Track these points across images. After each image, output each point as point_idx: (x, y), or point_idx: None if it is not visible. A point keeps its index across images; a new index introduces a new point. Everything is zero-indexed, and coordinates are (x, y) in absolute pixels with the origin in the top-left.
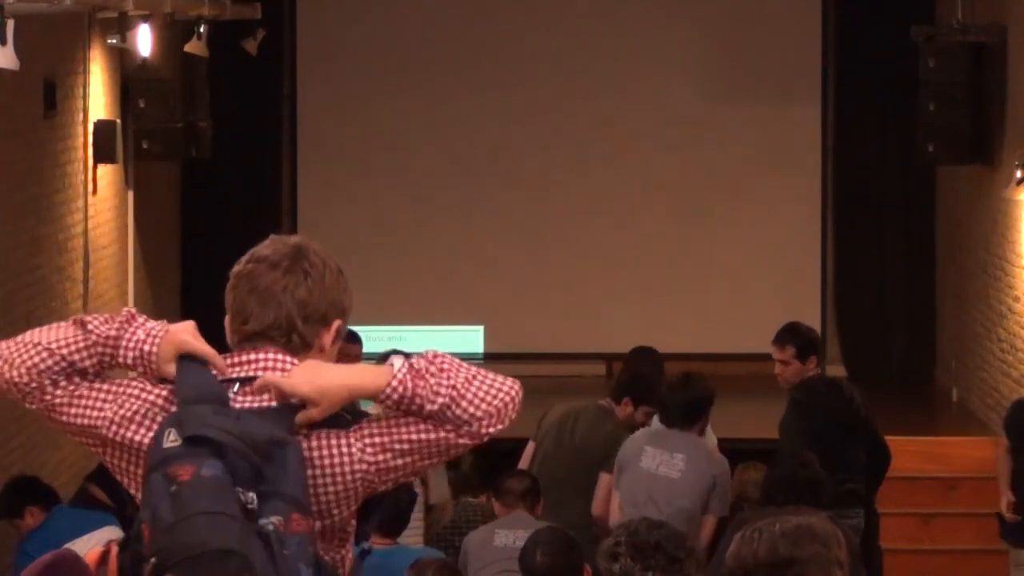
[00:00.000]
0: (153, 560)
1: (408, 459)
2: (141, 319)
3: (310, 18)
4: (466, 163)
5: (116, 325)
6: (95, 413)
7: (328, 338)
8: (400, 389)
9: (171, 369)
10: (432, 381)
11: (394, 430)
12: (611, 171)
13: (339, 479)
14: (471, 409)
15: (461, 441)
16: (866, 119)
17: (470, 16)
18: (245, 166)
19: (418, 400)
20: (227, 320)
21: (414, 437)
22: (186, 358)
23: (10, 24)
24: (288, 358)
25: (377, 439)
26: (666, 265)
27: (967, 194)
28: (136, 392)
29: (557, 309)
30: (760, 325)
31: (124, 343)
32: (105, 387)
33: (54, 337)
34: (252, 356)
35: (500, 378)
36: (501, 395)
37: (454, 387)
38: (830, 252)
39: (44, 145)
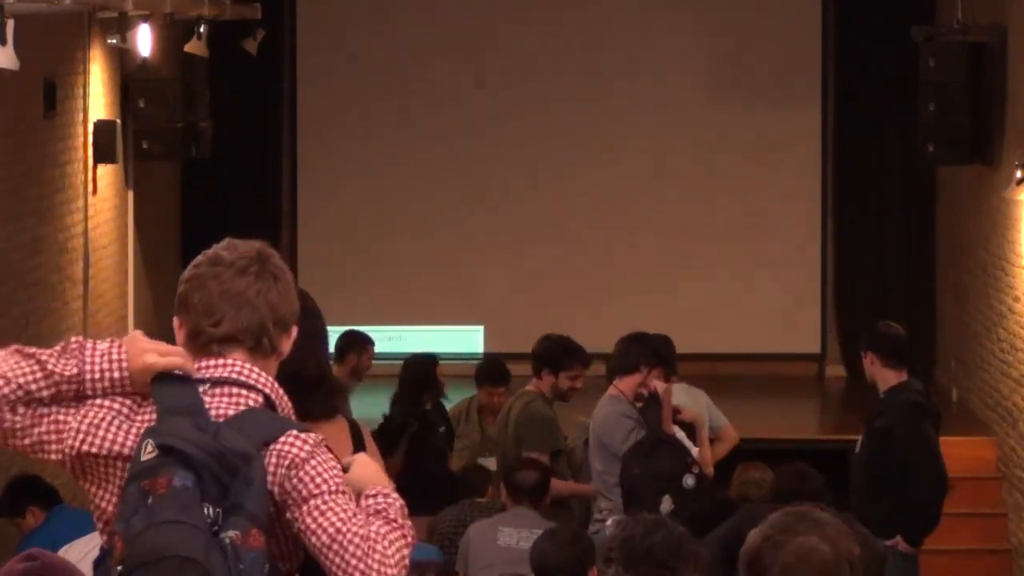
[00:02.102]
0: (119, 568)
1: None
2: (90, 346)
3: (310, 18)
4: (466, 163)
5: (73, 361)
6: (59, 427)
7: (287, 344)
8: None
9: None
10: (394, 519)
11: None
12: (611, 171)
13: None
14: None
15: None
16: (866, 119)
17: (469, 16)
18: (245, 166)
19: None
20: (180, 323)
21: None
22: (158, 377)
23: (10, 24)
24: (253, 368)
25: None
26: (666, 265)
27: (967, 194)
28: (99, 403)
29: (557, 309)
30: (760, 325)
31: (88, 376)
32: (64, 407)
33: (7, 367)
34: (220, 361)
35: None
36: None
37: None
38: (830, 252)
39: (44, 145)
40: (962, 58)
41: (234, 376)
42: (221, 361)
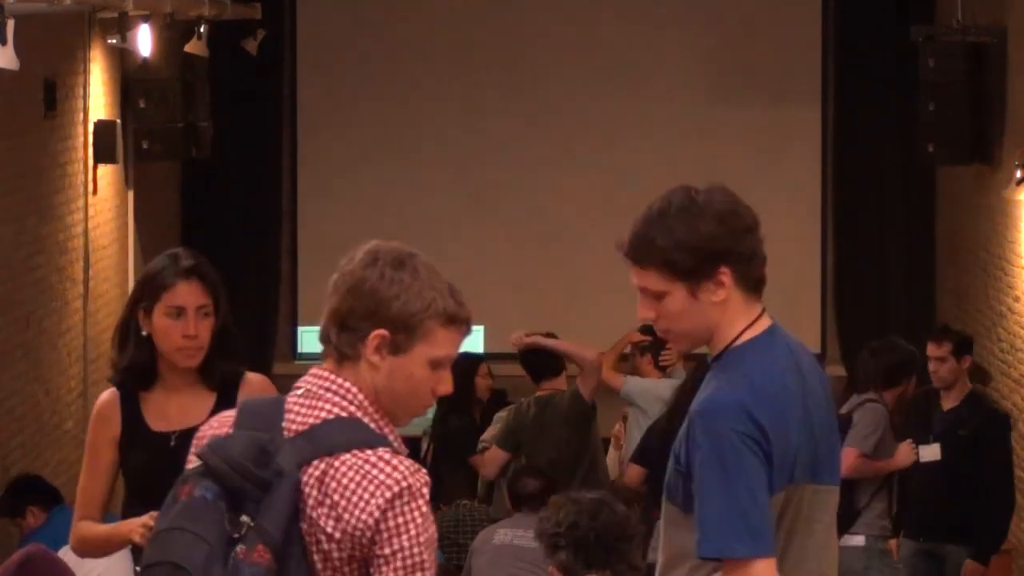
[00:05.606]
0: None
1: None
2: None
3: (310, 18)
4: (466, 163)
5: None
6: None
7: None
8: None
9: None
10: None
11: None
12: (611, 170)
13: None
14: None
15: None
16: (866, 119)
17: (470, 17)
18: (245, 166)
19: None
20: None
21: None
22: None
23: (10, 24)
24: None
25: None
26: None
27: (967, 194)
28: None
29: (557, 309)
30: None
31: None
32: None
33: None
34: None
35: None
36: None
37: None
38: (830, 252)
39: (44, 145)
40: (962, 58)
41: (324, 387)
42: (314, 372)
